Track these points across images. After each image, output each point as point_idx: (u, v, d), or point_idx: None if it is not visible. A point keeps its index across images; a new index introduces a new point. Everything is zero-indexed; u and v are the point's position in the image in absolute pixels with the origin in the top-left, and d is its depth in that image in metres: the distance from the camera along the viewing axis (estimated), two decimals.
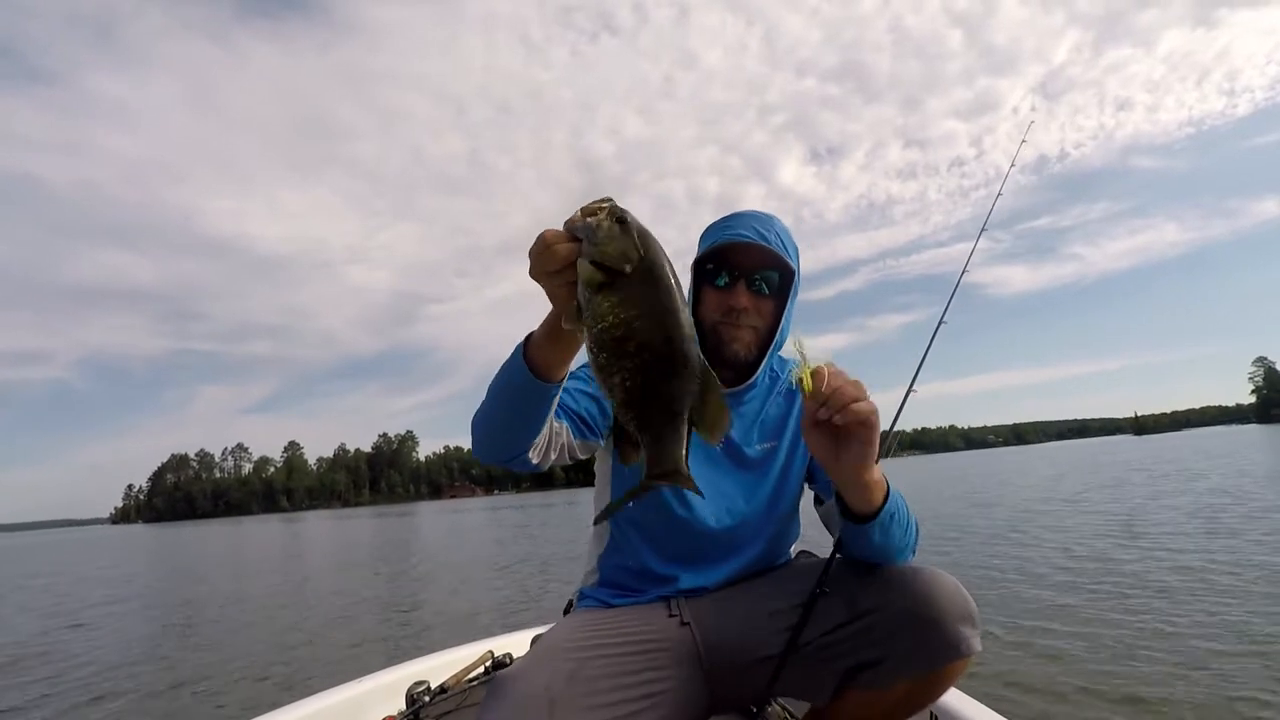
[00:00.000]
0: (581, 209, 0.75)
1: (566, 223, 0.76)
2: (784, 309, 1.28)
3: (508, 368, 0.97)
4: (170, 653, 6.03)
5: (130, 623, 7.95)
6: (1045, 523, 9.53)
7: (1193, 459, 22.96)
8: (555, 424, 1.10)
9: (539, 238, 0.77)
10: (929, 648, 0.99)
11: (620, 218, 0.73)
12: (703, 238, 1.30)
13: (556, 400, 1.00)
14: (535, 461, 1.07)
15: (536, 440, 1.03)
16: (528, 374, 0.93)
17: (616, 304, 0.72)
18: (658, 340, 0.73)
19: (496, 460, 1.05)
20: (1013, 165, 1.72)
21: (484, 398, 1.03)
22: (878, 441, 0.93)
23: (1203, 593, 4.74)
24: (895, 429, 1.25)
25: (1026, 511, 11.33)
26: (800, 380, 0.92)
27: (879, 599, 1.04)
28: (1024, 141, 1.81)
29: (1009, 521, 10.07)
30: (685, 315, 0.75)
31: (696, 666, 1.11)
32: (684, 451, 0.79)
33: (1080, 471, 22.14)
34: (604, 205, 0.74)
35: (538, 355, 0.93)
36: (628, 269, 0.72)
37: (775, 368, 1.35)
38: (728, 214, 1.29)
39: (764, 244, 1.21)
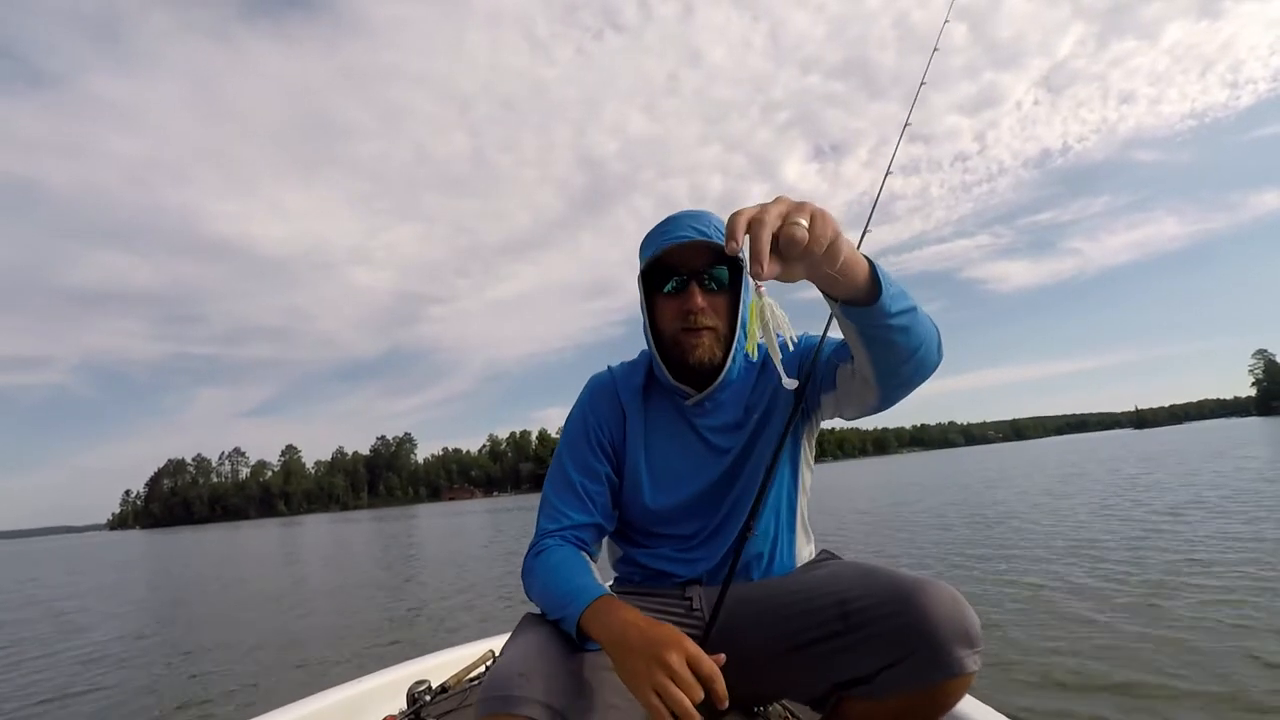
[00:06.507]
0: None
1: None
2: (739, 303, 1.20)
3: (558, 616, 1.03)
4: (168, 653, 5.99)
5: (127, 626, 7.89)
6: (1033, 517, 9.53)
7: (1180, 456, 22.98)
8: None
9: None
10: (921, 666, 0.93)
11: None
12: (642, 249, 1.24)
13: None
14: None
15: None
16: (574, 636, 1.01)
17: None
18: None
19: None
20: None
21: (539, 584, 1.10)
22: (829, 241, 0.78)
23: (1201, 592, 4.72)
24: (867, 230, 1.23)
25: (1015, 507, 11.35)
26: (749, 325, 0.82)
27: (875, 611, 0.98)
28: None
29: (996, 516, 10.09)
30: None
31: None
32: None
33: (1070, 466, 22.18)
34: None
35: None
36: None
37: (739, 358, 1.28)
38: (661, 220, 1.22)
39: (707, 240, 1.14)
